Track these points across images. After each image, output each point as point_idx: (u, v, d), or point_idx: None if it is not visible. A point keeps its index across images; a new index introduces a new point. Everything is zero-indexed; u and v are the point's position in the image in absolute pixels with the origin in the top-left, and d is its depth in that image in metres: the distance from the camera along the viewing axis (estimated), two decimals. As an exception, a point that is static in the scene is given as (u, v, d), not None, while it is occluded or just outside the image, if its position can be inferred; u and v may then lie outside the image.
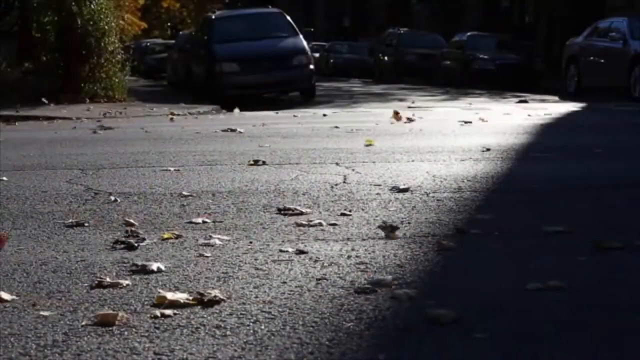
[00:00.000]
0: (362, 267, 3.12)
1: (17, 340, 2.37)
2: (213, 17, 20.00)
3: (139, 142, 8.25)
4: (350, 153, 6.89)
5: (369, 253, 3.34)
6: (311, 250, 3.41)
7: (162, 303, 2.64)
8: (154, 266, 3.12)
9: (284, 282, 2.92)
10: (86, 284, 2.94)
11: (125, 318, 2.51)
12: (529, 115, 11.88)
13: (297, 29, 18.77)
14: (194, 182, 5.38)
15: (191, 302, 2.67)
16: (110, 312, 2.53)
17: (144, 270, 3.08)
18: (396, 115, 8.62)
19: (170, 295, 2.69)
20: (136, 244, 3.51)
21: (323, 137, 8.42)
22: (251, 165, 6.21)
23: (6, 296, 2.77)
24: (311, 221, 3.96)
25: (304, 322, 2.48)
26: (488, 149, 6.92)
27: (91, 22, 16.68)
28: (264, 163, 6.26)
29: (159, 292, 2.75)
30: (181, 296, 2.70)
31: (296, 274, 3.03)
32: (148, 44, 41.11)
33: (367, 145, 7.43)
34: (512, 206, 4.44)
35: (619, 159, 6.53)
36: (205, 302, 2.65)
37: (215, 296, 2.69)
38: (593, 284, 2.85)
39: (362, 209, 4.33)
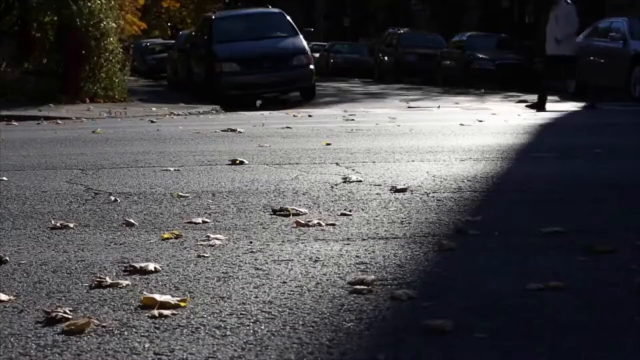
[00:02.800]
0: (362, 267, 3.12)
1: (17, 340, 2.37)
2: (213, 17, 20.00)
3: (139, 142, 8.25)
4: (350, 153, 6.89)
5: (369, 253, 3.34)
6: (311, 250, 3.41)
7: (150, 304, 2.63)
8: (154, 266, 3.12)
9: (284, 282, 2.92)
10: (86, 284, 2.94)
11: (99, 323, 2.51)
12: (527, 116, 11.88)
13: (297, 29, 18.78)
14: (194, 182, 5.38)
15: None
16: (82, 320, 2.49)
17: (144, 271, 3.08)
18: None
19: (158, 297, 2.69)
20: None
21: (323, 136, 8.42)
22: (229, 165, 6.21)
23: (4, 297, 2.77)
24: (311, 221, 3.96)
25: (304, 322, 2.48)
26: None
27: (91, 22, 16.68)
28: (241, 163, 6.27)
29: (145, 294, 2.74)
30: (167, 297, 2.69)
31: (296, 274, 3.03)
32: (148, 44, 41.12)
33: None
34: (512, 206, 4.44)
35: (619, 159, 6.53)
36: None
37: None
38: (593, 284, 2.85)
39: (362, 209, 4.33)
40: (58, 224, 4.00)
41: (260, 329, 2.43)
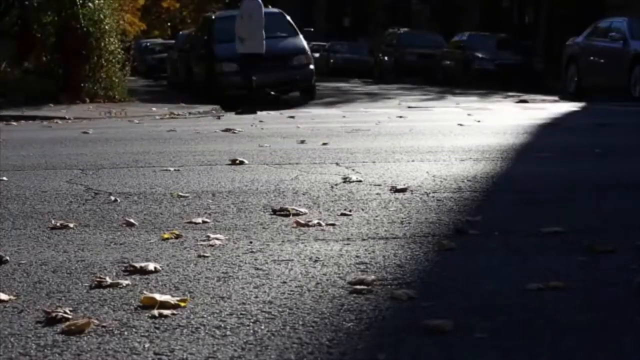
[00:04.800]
0: (362, 267, 3.11)
1: (17, 340, 2.37)
2: (213, 17, 20.02)
3: (139, 142, 8.25)
4: (350, 153, 6.89)
5: (369, 253, 3.34)
6: (311, 250, 3.41)
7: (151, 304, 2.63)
8: (154, 266, 3.12)
9: (284, 282, 2.92)
10: (86, 284, 2.94)
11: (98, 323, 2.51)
12: (529, 115, 11.88)
13: (297, 29, 18.79)
14: (194, 182, 5.38)
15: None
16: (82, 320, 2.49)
17: (144, 271, 3.08)
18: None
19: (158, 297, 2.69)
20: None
21: (322, 137, 8.42)
22: (229, 165, 6.22)
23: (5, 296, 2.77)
24: (311, 221, 3.96)
25: (304, 322, 2.48)
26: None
27: (91, 22, 16.68)
28: (241, 163, 6.27)
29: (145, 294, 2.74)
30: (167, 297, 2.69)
31: (296, 274, 3.03)
32: (148, 44, 41.13)
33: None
34: (512, 206, 4.44)
35: (619, 159, 6.53)
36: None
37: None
38: (593, 284, 2.85)
39: (362, 209, 4.32)
40: (58, 224, 4.00)
41: (260, 329, 2.43)
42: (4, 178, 5.60)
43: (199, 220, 4.08)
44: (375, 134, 8.83)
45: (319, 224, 3.91)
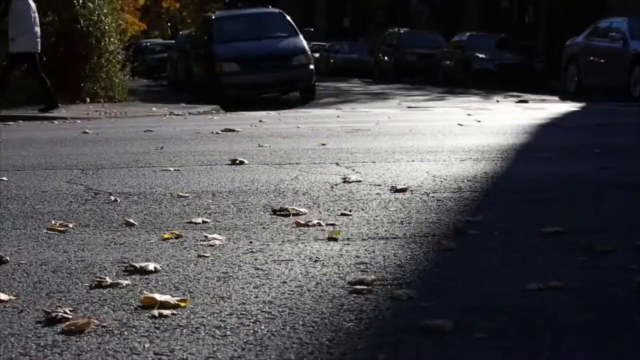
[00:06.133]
0: (362, 267, 3.12)
1: (17, 340, 2.37)
2: (213, 17, 20.03)
3: (139, 142, 8.25)
4: (350, 153, 6.89)
5: (369, 253, 3.34)
6: (311, 250, 3.41)
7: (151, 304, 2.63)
8: (154, 266, 3.12)
9: (284, 282, 2.92)
10: (86, 284, 2.94)
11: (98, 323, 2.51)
12: (529, 115, 11.88)
13: (297, 29, 18.80)
14: (194, 182, 5.38)
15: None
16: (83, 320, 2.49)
17: (144, 271, 3.08)
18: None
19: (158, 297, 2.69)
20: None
21: (323, 137, 8.42)
22: (229, 165, 6.21)
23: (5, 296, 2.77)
24: (311, 221, 3.96)
25: (304, 322, 2.48)
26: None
27: (91, 22, 16.68)
28: (241, 163, 6.27)
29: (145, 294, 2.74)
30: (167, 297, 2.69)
31: (296, 274, 3.03)
32: (148, 44, 41.16)
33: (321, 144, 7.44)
34: (512, 206, 4.44)
35: (619, 159, 6.52)
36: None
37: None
38: (593, 284, 2.85)
39: (362, 209, 4.32)
40: (58, 224, 4.00)
41: (260, 329, 2.43)
42: (4, 178, 5.60)
43: (199, 220, 4.08)
44: (375, 134, 8.83)
45: (319, 224, 3.91)
